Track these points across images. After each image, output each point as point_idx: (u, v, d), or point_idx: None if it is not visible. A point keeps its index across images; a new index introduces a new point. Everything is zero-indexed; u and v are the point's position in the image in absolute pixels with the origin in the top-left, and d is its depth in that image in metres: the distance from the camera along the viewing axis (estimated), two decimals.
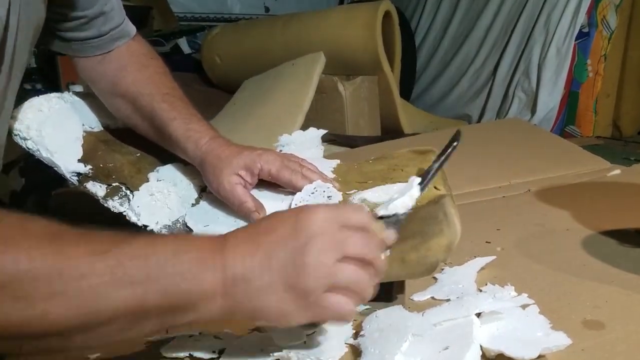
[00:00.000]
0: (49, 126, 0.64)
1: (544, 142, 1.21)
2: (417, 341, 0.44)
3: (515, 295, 0.53)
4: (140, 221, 0.61)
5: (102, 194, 0.63)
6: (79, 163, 0.64)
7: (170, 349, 0.47)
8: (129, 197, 0.63)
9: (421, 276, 0.53)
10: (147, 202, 0.61)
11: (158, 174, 0.64)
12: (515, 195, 0.94)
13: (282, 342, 0.45)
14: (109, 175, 0.63)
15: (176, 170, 0.65)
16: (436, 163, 0.56)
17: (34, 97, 0.66)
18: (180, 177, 0.64)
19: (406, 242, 0.51)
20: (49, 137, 0.63)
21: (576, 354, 0.44)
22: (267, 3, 2.79)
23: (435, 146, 1.27)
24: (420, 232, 0.51)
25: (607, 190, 0.94)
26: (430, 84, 2.14)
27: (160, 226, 0.60)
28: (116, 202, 0.62)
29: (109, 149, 0.65)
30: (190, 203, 0.62)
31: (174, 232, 0.60)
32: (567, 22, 1.62)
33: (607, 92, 1.62)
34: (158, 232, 0.60)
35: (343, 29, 1.57)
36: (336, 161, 0.69)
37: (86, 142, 0.65)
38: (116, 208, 0.62)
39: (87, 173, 0.63)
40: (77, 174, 0.64)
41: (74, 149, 0.65)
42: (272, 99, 1.48)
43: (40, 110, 0.65)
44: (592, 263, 0.64)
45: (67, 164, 0.63)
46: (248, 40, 1.85)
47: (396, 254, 0.51)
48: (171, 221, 0.61)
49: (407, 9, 2.33)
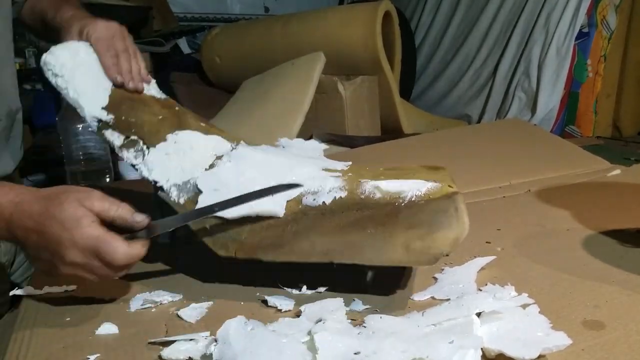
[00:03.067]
0: (83, 69, 0.66)
1: (544, 142, 1.21)
2: (417, 341, 0.44)
3: (515, 295, 0.53)
4: (152, 176, 0.62)
5: (118, 144, 0.64)
6: (102, 110, 0.65)
7: (169, 353, 0.47)
8: (145, 152, 0.63)
9: (422, 265, 0.55)
10: (161, 160, 0.62)
11: (176, 136, 0.64)
12: (515, 195, 0.94)
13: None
14: (128, 128, 0.64)
15: (194, 136, 0.65)
16: (237, 198, 0.57)
17: (73, 41, 0.69)
18: (197, 143, 0.64)
19: (413, 230, 0.53)
20: (80, 80, 0.66)
21: (576, 354, 0.45)
22: (267, 3, 2.79)
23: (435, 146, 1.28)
24: (428, 223, 0.53)
25: (607, 190, 0.94)
26: (430, 84, 2.14)
27: (171, 184, 0.61)
28: (131, 154, 0.63)
29: (133, 105, 0.66)
30: (204, 168, 0.62)
31: (183, 192, 0.60)
32: (567, 22, 1.62)
33: (607, 92, 1.62)
34: (167, 189, 0.61)
35: (343, 29, 1.57)
36: (348, 163, 0.69)
37: (113, 94, 0.67)
38: (130, 160, 0.63)
39: (108, 121, 0.65)
40: (98, 120, 0.65)
41: (101, 97, 0.66)
42: (272, 99, 1.48)
43: (77, 54, 0.67)
44: (592, 263, 0.64)
45: (91, 108, 0.65)
46: (248, 40, 1.85)
47: (402, 240, 0.53)
48: (182, 181, 0.61)
49: (407, 9, 2.33)
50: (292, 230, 0.56)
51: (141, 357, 0.48)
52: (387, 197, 0.55)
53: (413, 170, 0.65)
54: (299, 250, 0.56)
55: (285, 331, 0.47)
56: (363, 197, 0.55)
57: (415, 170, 0.65)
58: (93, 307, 0.58)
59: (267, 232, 0.57)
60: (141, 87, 0.68)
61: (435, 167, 0.68)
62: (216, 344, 0.46)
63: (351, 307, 0.55)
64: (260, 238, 0.57)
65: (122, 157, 0.64)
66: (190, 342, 0.48)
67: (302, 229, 0.56)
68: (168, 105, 0.70)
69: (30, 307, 0.59)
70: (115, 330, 0.52)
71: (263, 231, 0.57)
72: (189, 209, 0.59)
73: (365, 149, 1.28)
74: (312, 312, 0.52)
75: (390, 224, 0.54)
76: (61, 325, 0.54)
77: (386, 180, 0.57)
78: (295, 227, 0.56)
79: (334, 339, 0.44)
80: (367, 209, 0.55)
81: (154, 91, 0.71)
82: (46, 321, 0.55)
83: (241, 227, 0.58)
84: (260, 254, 0.57)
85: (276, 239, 0.57)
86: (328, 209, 0.56)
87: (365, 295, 0.56)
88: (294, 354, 0.44)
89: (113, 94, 0.67)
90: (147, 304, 0.58)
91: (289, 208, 0.57)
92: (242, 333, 0.46)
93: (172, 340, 0.48)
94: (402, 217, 0.53)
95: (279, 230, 0.57)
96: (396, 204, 0.54)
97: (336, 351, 0.43)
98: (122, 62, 0.68)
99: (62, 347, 0.50)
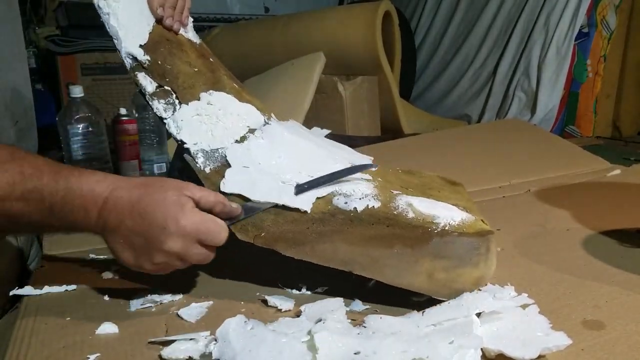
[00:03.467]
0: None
1: (544, 142, 1.22)
2: (417, 341, 0.44)
3: (515, 295, 0.53)
4: (180, 136, 0.59)
5: (150, 90, 0.61)
6: (139, 48, 0.62)
7: (169, 352, 0.47)
8: (176, 107, 0.61)
9: (439, 297, 0.53)
10: (191, 120, 0.60)
11: (211, 97, 0.62)
12: (515, 195, 0.94)
13: None
14: (163, 75, 0.62)
15: (228, 100, 0.63)
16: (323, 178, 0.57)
17: None
18: (231, 109, 0.62)
19: (440, 261, 0.52)
20: (125, 8, 0.62)
21: (576, 354, 0.45)
22: (267, 3, 2.79)
23: (435, 146, 1.27)
24: (457, 257, 0.52)
25: (607, 190, 0.94)
26: (430, 84, 2.14)
27: (198, 149, 0.59)
28: (161, 104, 0.61)
29: (171, 50, 0.63)
30: (235, 139, 0.60)
31: (209, 160, 0.59)
32: (567, 22, 1.62)
33: (607, 93, 1.62)
34: (194, 153, 0.59)
35: (343, 29, 1.57)
36: (370, 158, 0.68)
37: (154, 32, 0.63)
38: (159, 111, 0.60)
39: (143, 62, 0.61)
40: (133, 57, 0.62)
41: (142, 32, 0.63)
42: (272, 99, 1.48)
43: None
44: (592, 263, 0.64)
45: (129, 43, 0.62)
46: (248, 40, 1.85)
47: (427, 267, 0.52)
48: (210, 148, 0.59)
49: (407, 9, 2.33)
50: (316, 229, 0.55)
51: (141, 357, 0.48)
52: (421, 219, 0.53)
53: (434, 183, 0.65)
54: (321, 252, 0.55)
55: (285, 331, 0.47)
56: (396, 213, 0.53)
57: (437, 184, 0.65)
58: (93, 307, 0.58)
59: (290, 225, 0.55)
60: (177, 27, 0.65)
61: (453, 182, 0.68)
62: (216, 343, 0.46)
63: (351, 307, 0.55)
64: (283, 230, 0.55)
65: (152, 106, 0.61)
66: (190, 342, 0.48)
67: (328, 231, 0.54)
68: (203, 54, 0.67)
69: (30, 307, 0.59)
70: (115, 330, 0.52)
71: (287, 224, 0.55)
72: (213, 179, 0.57)
73: (365, 149, 1.28)
74: (312, 312, 0.52)
75: (418, 248, 0.52)
76: (61, 325, 0.54)
77: (419, 199, 0.55)
78: (321, 228, 0.54)
79: (334, 339, 0.44)
80: (398, 227, 0.53)
81: (191, 34, 0.68)
82: (46, 321, 0.55)
83: (265, 214, 0.56)
84: (279, 247, 0.56)
85: (299, 235, 0.55)
86: (357, 217, 0.54)
87: (365, 295, 0.56)
88: (293, 354, 0.44)
89: (154, 32, 0.63)
90: (147, 304, 0.58)
91: (317, 206, 0.55)
92: (241, 332, 0.46)
93: (172, 340, 0.48)
94: (432, 245, 0.52)
95: (303, 227, 0.55)
96: (429, 229, 0.52)
97: (336, 351, 0.43)
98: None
99: (62, 347, 0.50)
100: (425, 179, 0.66)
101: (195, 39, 0.68)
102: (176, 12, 0.65)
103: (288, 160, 0.59)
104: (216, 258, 0.54)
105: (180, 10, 0.66)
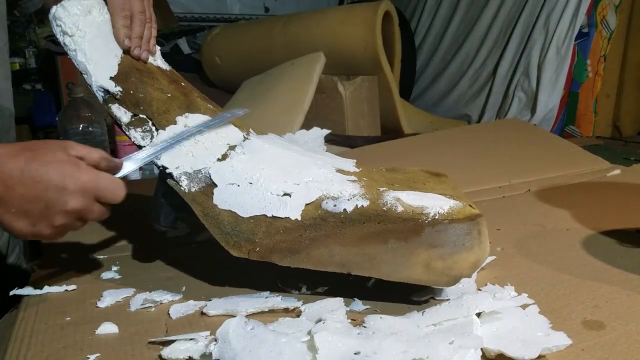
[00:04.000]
0: (94, 31, 0.62)
1: (544, 142, 1.22)
2: (417, 341, 0.44)
3: (515, 295, 0.53)
4: (160, 162, 0.59)
5: (125, 121, 0.61)
6: (110, 80, 0.61)
7: (169, 352, 0.47)
8: (153, 133, 0.60)
9: (440, 286, 0.54)
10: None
11: (187, 119, 0.61)
12: (515, 195, 0.94)
13: None
14: (137, 104, 0.61)
15: (205, 120, 0.63)
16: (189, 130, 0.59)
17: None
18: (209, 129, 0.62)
19: (435, 250, 0.52)
20: (90, 42, 0.61)
21: (576, 354, 0.45)
22: (267, 3, 2.79)
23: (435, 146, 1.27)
24: (451, 244, 0.52)
25: (607, 190, 0.94)
26: (430, 84, 2.14)
27: (180, 172, 0.59)
28: (138, 133, 0.60)
29: (142, 79, 0.63)
30: (217, 158, 0.60)
31: (194, 182, 0.58)
32: (567, 22, 1.62)
33: (607, 93, 1.62)
34: (177, 177, 0.58)
35: (343, 29, 1.57)
36: (353, 160, 0.68)
37: (123, 62, 0.63)
38: (137, 140, 0.60)
39: (115, 94, 0.61)
40: (105, 90, 0.61)
41: (110, 65, 0.62)
42: (272, 99, 1.48)
43: (90, 13, 0.63)
44: (592, 263, 0.64)
45: (99, 77, 0.61)
46: (248, 40, 1.85)
47: (423, 258, 0.52)
48: (193, 170, 0.59)
49: (407, 9, 2.33)
50: (309, 236, 0.55)
51: (141, 357, 0.48)
52: (410, 211, 0.53)
53: (419, 177, 0.65)
54: (316, 258, 0.55)
55: (285, 331, 0.47)
56: (385, 209, 0.54)
57: (422, 178, 0.65)
58: (93, 307, 0.58)
59: (283, 235, 0.55)
60: (146, 57, 0.65)
61: (437, 173, 0.68)
62: (216, 343, 0.46)
63: (351, 307, 0.55)
64: (276, 241, 0.55)
65: (129, 136, 0.60)
66: (190, 342, 0.48)
67: (321, 236, 0.54)
68: (175, 79, 0.67)
69: (30, 307, 0.59)
70: (115, 330, 0.52)
71: (279, 234, 0.55)
72: (199, 200, 0.58)
73: (365, 149, 1.28)
74: (312, 312, 0.52)
75: (412, 240, 0.52)
76: (61, 325, 0.54)
77: (405, 192, 0.55)
78: (313, 234, 0.55)
79: (334, 339, 0.44)
80: (389, 222, 0.53)
81: (160, 62, 0.68)
82: (46, 321, 0.55)
83: (256, 227, 0.56)
84: (275, 258, 0.56)
85: (292, 243, 0.55)
86: (348, 218, 0.54)
87: (365, 295, 0.56)
88: (294, 354, 0.44)
89: (123, 63, 0.63)
90: (147, 304, 0.58)
91: (306, 212, 0.55)
92: (241, 332, 0.46)
93: (172, 340, 0.48)
94: (425, 235, 0.52)
95: (295, 235, 0.55)
96: (419, 220, 0.53)
97: (336, 351, 0.43)
98: (135, 25, 0.64)
99: (62, 347, 0.50)
100: (409, 174, 0.66)
101: (165, 66, 0.68)
102: (143, 41, 0.65)
103: (272, 171, 0.59)
104: (216, 258, 0.54)
105: (147, 39, 0.65)
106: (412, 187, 0.59)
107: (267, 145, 0.63)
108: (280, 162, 0.60)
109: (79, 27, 0.61)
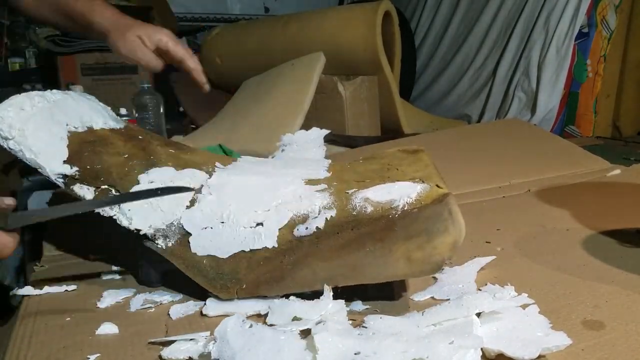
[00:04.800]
0: (32, 125, 0.60)
1: (544, 142, 1.22)
2: (417, 341, 0.44)
3: (515, 295, 0.53)
4: (133, 225, 0.58)
5: (91, 197, 0.60)
6: (64, 165, 0.60)
7: (169, 353, 0.47)
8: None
9: (427, 274, 0.54)
10: (138, 205, 0.59)
11: (148, 176, 0.61)
12: (515, 195, 0.94)
13: None
14: (97, 177, 0.61)
15: (168, 172, 0.63)
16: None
17: (15, 95, 0.62)
18: (171, 179, 0.62)
19: (411, 241, 0.52)
20: (33, 137, 0.60)
21: (576, 354, 0.45)
22: (267, 3, 2.79)
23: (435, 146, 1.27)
24: (425, 231, 0.51)
25: (607, 190, 0.94)
26: (430, 84, 2.14)
27: (154, 230, 0.58)
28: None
29: (95, 150, 0.62)
30: (185, 205, 0.60)
31: (169, 236, 0.58)
32: (567, 22, 1.62)
33: (607, 93, 1.62)
34: (152, 236, 0.58)
35: (343, 29, 1.57)
36: (328, 161, 0.69)
37: (71, 142, 0.62)
38: (106, 212, 0.59)
39: (73, 175, 0.60)
40: (63, 176, 0.60)
41: (59, 150, 0.61)
42: (272, 99, 1.48)
43: (23, 109, 0.61)
44: (592, 263, 0.64)
45: (53, 166, 0.60)
46: (248, 40, 1.85)
47: (402, 252, 0.52)
48: (165, 224, 0.58)
49: (407, 9, 2.33)
50: (290, 260, 0.54)
51: (141, 357, 0.48)
52: (379, 209, 0.53)
53: (395, 160, 0.65)
54: (302, 279, 0.54)
55: (284, 328, 0.47)
56: (355, 214, 0.54)
57: (397, 161, 0.65)
58: (93, 307, 0.58)
59: (264, 266, 0.55)
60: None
61: (413, 150, 0.67)
62: (215, 342, 0.46)
63: (351, 308, 0.55)
64: (259, 274, 0.55)
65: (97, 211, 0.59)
66: (190, 342, 0.48)
67: (300, 257, 0.54)
68: (131, 135, 0.66)
69: (30, 307, 0.59)
70: (115, 330, 0.52)
71: (260, 266, 0.55)
72: (178, 253, 0.57)
73: (365, 149, 1.28)
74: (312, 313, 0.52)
75: (387, 238, 0.52)
76: (61, 325, 0.54)
77: (373, 189, 0.55)
78: (293, 257, 0.54)
79: (334, 340, 0.44)
80: (362, 226, 0.53)
81: (112, 123, 0.67)
82: (46, 321, 0.55)
83: (238, 265, 0.56)
84: (262, 291, 0.55)
85: (275, 272, 0.54)
86: (322, 233, 0.54)
87: (365, 295, 0.56)
88: (293, 351, 0.44)
89: (71, 142, 0.62)
90: (147, 304, 0.58)
91: (281, 237, 0.55)
92: (240, 331, 0.46)
93: (172, 340, 0.48)
94: (398, 229, 0.52)
95: (276, 263, 0.55)
96: (390, 216, 0.52)
97: (336, 351, 0.43)
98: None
99: (62, 347, 0.50)
100: (385, 159, 0.66)
101: (118, 124, 0.68)
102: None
103: (240, 205, 0.58)
104: None
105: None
106: (384, 177, 0.59)
107: (232, 177, 0.62)
108: (248, 192, 0.60)
109: (16, 127, 0.59)
